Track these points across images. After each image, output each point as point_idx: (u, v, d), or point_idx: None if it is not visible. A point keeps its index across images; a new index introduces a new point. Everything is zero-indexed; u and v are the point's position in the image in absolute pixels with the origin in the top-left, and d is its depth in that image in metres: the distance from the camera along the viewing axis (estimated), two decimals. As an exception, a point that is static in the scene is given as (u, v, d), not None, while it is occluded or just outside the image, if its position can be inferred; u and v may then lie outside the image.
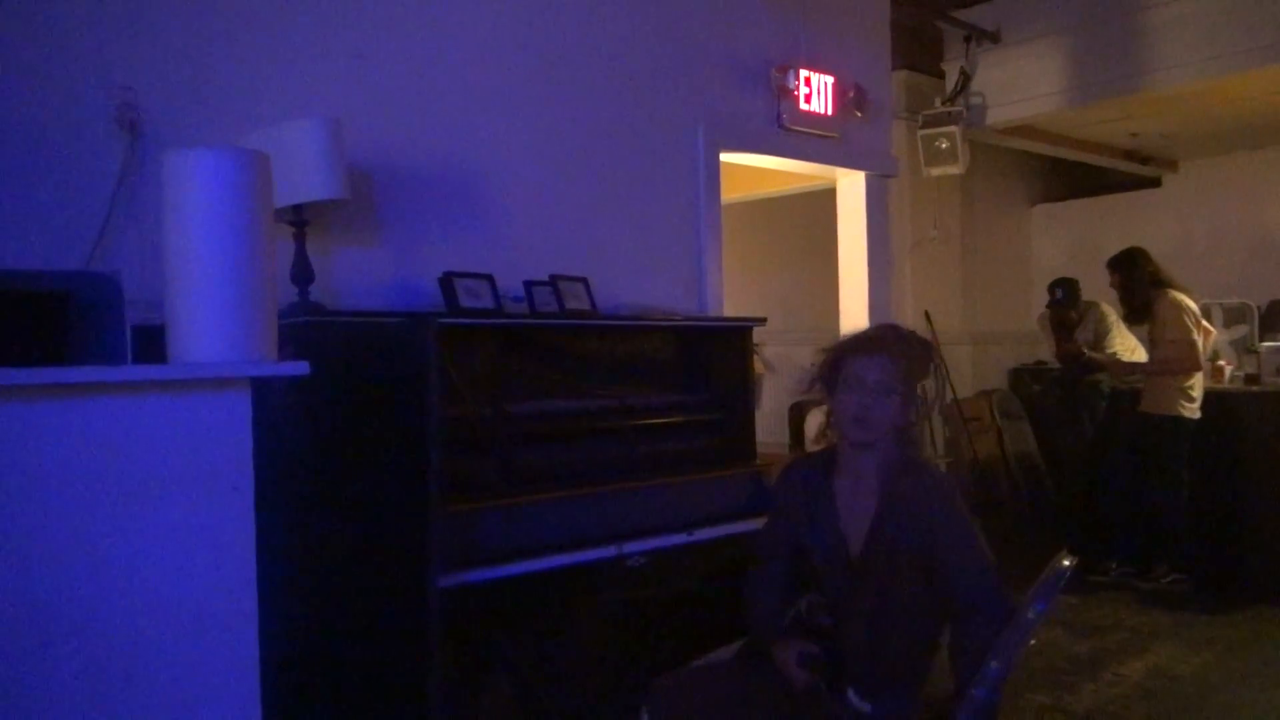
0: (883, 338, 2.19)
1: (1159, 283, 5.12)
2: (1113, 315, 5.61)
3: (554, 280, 3.08)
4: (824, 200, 5.03)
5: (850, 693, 2.09)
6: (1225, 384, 5.47)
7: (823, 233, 5.26)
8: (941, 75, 6.35)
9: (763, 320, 3.39)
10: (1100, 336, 5.60)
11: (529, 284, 3.04)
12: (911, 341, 2.20)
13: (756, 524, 3.00)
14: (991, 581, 2.05)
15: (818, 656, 2.08)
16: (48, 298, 1.69)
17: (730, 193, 4.44)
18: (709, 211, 3.86)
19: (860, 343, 2.19)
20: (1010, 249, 7.69)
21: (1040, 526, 6.02)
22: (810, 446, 5.64)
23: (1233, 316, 6.03)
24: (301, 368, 1.72)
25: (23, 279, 1.70)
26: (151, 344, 1.78)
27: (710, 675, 2.23)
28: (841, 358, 2.19)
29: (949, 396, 6.52)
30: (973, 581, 2.04)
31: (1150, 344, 5.21)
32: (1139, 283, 5.14)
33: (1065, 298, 5.71)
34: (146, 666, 1.60)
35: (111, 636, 1.57)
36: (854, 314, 4.66)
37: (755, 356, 3.44)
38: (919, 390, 2.19)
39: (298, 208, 2.59)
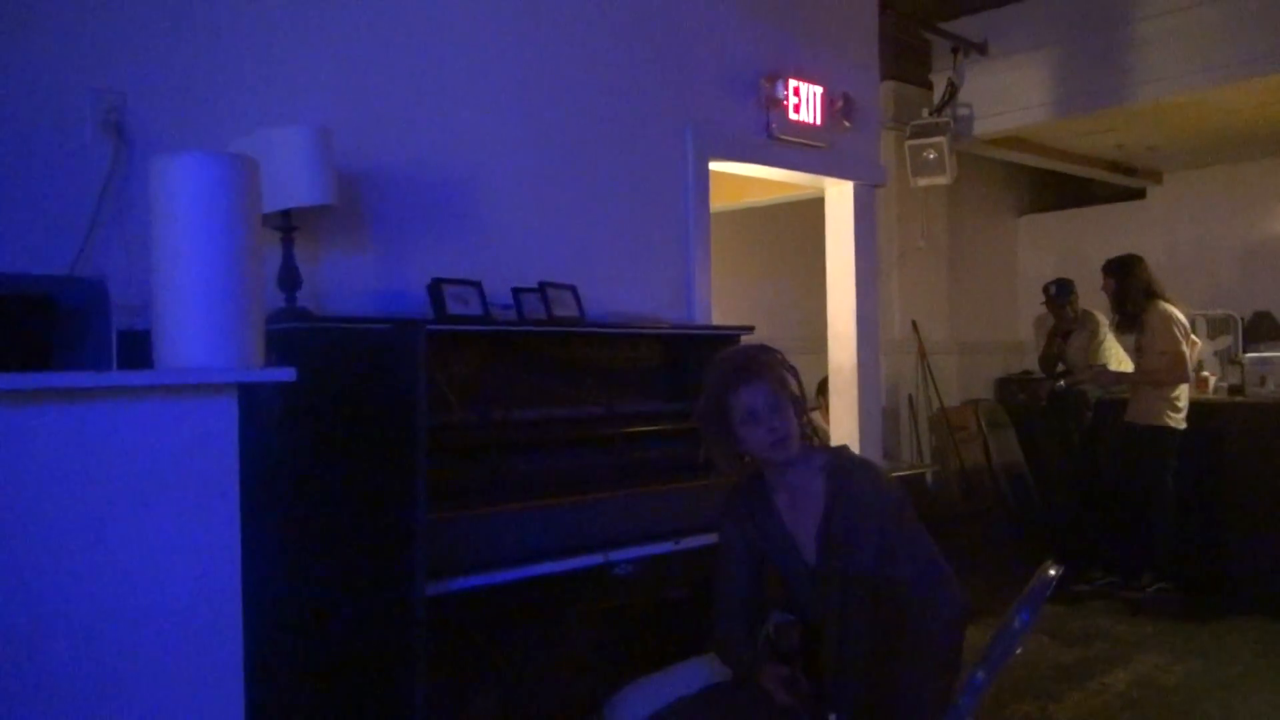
0: (748, 364, 2.20)
1: (1151, 293, 5.16)
2: (1105, 323, 5.66)
3: (542, 287, 3.07)
4: (812, 209, 5.04)
5: (831, 718, 2.07)
6: (1210, 395, 5.50)
7: (811, 242, 5.27)
8: (929, 86, 6.38)
9: (750, 329, 3.39)
10: (1091, 345, 5.65)
11: (517, 291, 3.03)
12: (761, 353, 2.24)
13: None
14: (941, 571, 2.10)
15: (798, 680, 2.09)
16: (33, 302, 1.68)
17: (719, 201, 4.44)
18: (698, 220, 3.87)
19: (732, 377, 2.19)
20: (997, 259, 7.73)
21: (1026, 535, 6.03)
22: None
23: (1217, 328, 6.06)
24: (288, 374, 1.72)
25: (8, 283, 1.69)
26: (137, 349, 1.78)
27: (693, 709, 2.21)
28: (721, 398, 2.19)
29: (935, 405, 6.55)
30: (922, 569, 2.08)
31: (1137, 353, 5.24)
32: (1132, 290, 5.18)
33: (1058, 293, 5.79)
34: (131, 673, 1.59)
35: (95, 643, 1.56)
36: (841, 322, 4.66)
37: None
38: (791, 388, 2.22)
39: (285, 213, 2.59)
